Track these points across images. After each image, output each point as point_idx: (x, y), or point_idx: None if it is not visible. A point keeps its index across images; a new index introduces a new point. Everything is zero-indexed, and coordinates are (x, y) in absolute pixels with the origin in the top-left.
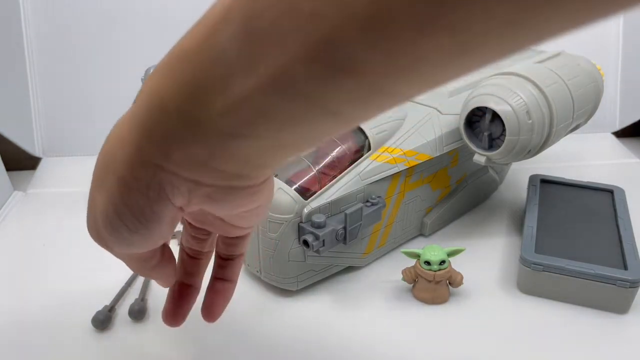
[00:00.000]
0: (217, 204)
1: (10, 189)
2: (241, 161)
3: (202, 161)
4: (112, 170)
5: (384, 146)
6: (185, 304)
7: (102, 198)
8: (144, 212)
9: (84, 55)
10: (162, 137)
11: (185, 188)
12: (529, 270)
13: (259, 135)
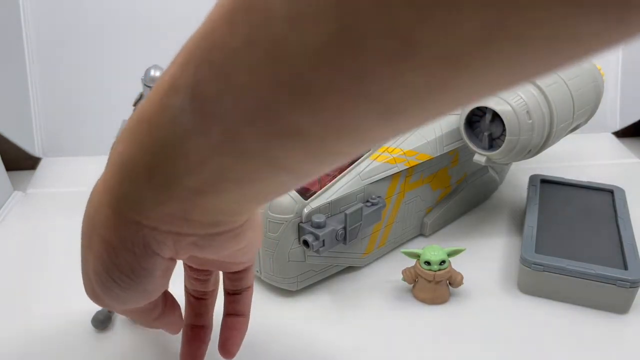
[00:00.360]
0: (204, 250)
1: (10, 189)
2: (214, 212)
3: (178, 216)
4: (97, 233)
5: (384, 146)
6: (201, 345)
7: (92, 259)
8: (133, 269)
9: (83, 55)
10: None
11: (170, 240)
12: (529, 271)
13: (223, 191)
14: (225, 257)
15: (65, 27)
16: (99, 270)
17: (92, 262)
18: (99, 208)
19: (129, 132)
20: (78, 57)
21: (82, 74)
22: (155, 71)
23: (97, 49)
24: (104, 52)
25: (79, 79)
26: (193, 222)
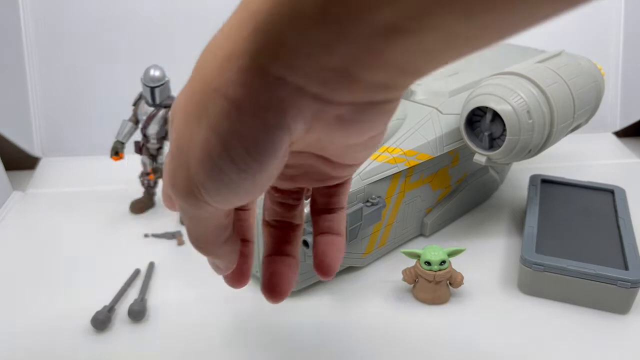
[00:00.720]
0: (344, 129)
1: (9, 189)
2: (394, 66)
3: (341, 69)
4: (218, 94)
5: (384, 146)
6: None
7: (203, 132)
8: (258, 143)
9: (83, 55)
10: (292, 42)
11: (311, 110)
12: (529, 271)
13: (430, 28)
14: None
15: (64, 27)
16: (213, 144)
17: (201, 138)
18: (226, 62)
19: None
20: (77, 57)
21: (81, 74)
22: (155, 71)
23: (97, 49)
24: (103, 52)
25: (79, 79)
26: (356, 83)
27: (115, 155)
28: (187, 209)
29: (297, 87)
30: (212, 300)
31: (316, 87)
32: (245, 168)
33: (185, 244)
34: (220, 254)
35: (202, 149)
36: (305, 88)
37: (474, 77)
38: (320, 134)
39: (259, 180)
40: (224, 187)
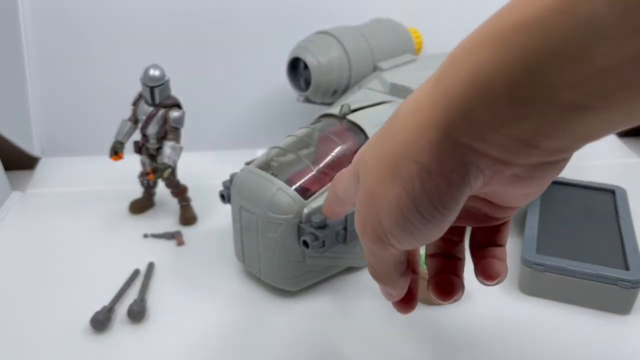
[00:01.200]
0: (518, 184)
1: (8, 189)
2: (573, 135)
3: (523, 139)
4: (410, 159)
5: None
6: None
7: (395, 190)
8: (443, 199)
9: (82, 55)
10: (482, 117)
11: (491, 170)
12: (530, 271)
13: (612, 106)
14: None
15: (64, 27)
16: (403, 200)
17: (394, 194)
18: (418, 134)
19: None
20: (77, 57)
21: (81, 73)
22: (155, 71)
23: (96, 49)
24: (103, 51)
25: (78, 78)
26: (535, 149)
27: (115, 155)
28: (374, 249)
29: (481, 152)
30: (211, 301)
31: (498, 152)
32: (430, 219)
33: (185, 244)
34: (396, 285)
35: (394, 205)
36: (489, 154)
37: None
38: (494, 187)
39: (441, 228)
40: (410, 235)
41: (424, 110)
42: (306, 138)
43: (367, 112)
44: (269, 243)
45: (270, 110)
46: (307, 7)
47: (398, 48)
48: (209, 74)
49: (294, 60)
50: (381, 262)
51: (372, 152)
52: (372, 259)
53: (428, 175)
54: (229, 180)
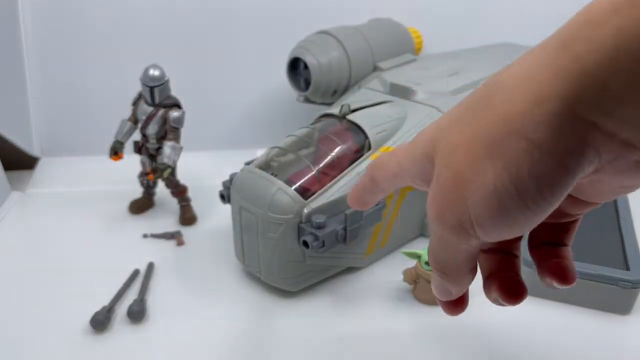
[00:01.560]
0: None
1: (8, 189)
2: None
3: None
4: (519, 133)
5: (384, 146)
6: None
7: (495, 171)
8: (553, 185)
9: (82, 54)
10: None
11: (611, 155)
12: (529, 271)
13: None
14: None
15: (64, 26)
16: (503, 184)
17: (493, 175)
18: (532, 102)
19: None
20: (77, 57)
21: (80, 73)
22: (154, 71)
23: (96, 49)
24: (102, 51)
25: (78, 78)
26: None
27: (115, 155)
28: (450, 240)
29: (608, 132)
30: (211, 301)
31: (628, 132)
32: (533, 208)
33: (185, 244)
34: (462, 282)
35: (490, 189)
36: (618, 134)
37: (474, 77)
38: (601, 175)
39: (538, 219)
40: (502, 225)
41: (543, 79)
42: (306, 138)
43: (367, 112)
44: (269, 243)
45: (270, 110)
46: (307, 7)
47: (398, 48)
48: (208, 74)
49: (294, 60)
50: (454, 254)
51: (457, 129)
52: (443, 250)
53: (540, 155)
54: (229, 180)
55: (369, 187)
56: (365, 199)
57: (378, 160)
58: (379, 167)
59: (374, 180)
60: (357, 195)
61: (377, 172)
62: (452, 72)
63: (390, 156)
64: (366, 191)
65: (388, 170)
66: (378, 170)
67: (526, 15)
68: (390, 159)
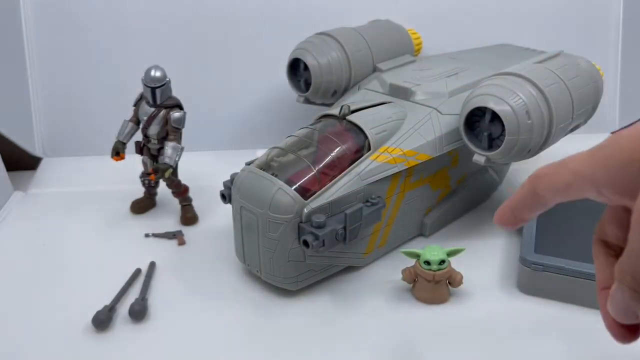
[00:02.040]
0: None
1: (10, 189)
2: None
3: None
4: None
5: (384, 146)
6: None
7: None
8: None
9: (84, 55)
10: None
11: None
12: (528, 270)
13: None
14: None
15: (65, 27)
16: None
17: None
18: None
19: None
20: (78, 58)
21: (82, 74)
22: (156, 71)
23: (98, 49)
24: (104, 52)
25: (80, 79)
26: None
27: (116, 156)
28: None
29: None
30: (212, 300)
31: None
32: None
33: (186, 243)
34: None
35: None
36: None
37: (474, 78)
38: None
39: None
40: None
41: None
42: (306, 138)
43: (367, 113)
44: (269, 243)
45: (270, 111)
46: (307, 9)
47: (397, 49)
48: (209, 75)
49: (294, 61)
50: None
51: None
52: None
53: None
54: (230, 181)
55: (528, 202)
56: (522, 215)
57: (541, 171)
58: (544, 177)
59: (536, 193)
60: (511, 210)
61: (542, 184)
62: (451, 73)
63: (560, 166)
64: (524, 206)
65: (558, 181)
66: (543, 182)
67: (525, 17)
68: (561, 168)
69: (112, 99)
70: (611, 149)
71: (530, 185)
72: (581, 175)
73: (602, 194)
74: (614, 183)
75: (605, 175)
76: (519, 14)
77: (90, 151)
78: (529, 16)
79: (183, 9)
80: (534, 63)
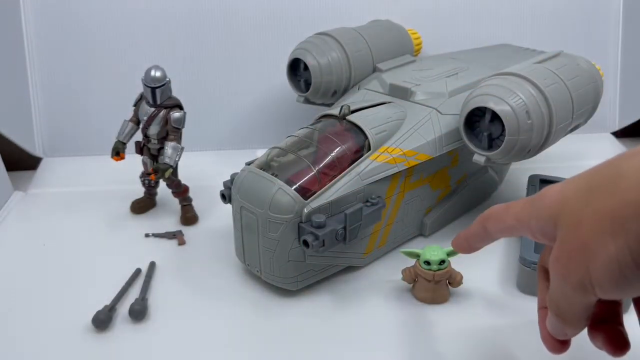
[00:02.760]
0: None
1: (10, 189)
2: None
3: None
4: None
5: (383, 146)
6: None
7: (617, 245)
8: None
9: (84, 55)
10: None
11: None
12: (528, 270)
13: None
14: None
15: (65, 27)
16: (624, 258)
17: (615, 249)
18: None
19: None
20: (79, 58)
21: (82, 74)
22: (156, 72)
23: (98, 49)
24: (104, 52)
25: (80, 79)
26: None
27: (116, 156)
28: (571, 295)
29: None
30: (212, 300)
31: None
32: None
33: (186, 243)
34: (578, 327)
35: (612, 260)
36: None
37: (473, 78)
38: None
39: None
40: (620, 289)
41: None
42: (306, 138)
43: (367, 113)
44: (269, 243)
45: (270, 111)
46: (308, 9)
47: (397, 49)
48: (209, 75)
49: (294, 61)
50: (574, 306)
51: (583, 203)
52: (564, 301)
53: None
54: (230, 181)
55: (480, 235)
56: (474, 245)
57: (491, 212)
58: (492, 218)
59: (486, 229)
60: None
61: (491, 224)
62: (451, 73)
63: (506, 210)
64: (477, 238)
65: (503, 223)
66: (492, 222)
67: (525, 17)
68: (507, 213)
69: (112, 99)
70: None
71: (481, 223)
72: (521, 221)
73: (536, 237)
74: (543, 231)
75: (536, 224)
76: (519, 14)
77: (90, 151)
78: (529, 16)
79: (183, 9)
80: (533, 63)
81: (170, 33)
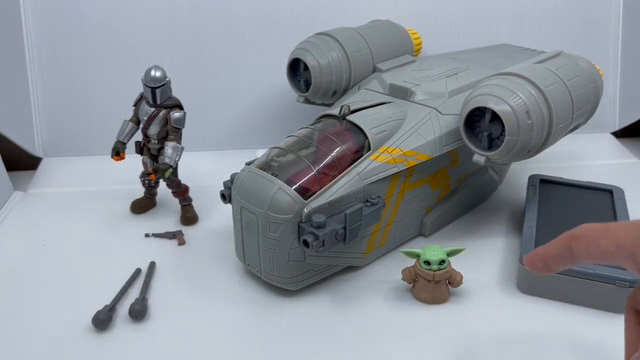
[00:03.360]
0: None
1: (10, 189)
2: None
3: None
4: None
5: (383, 146)
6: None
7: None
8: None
9: (84, 55)
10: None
11: None
12: (528, 270)
13: None
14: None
15: (65, 27)
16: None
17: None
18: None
19: None
20: (79, 58)
21: (82, 74)
22: (156, 72)
23: (98, 50)
24: (104, 52)
25: (80, 79)
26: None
27: (116, 156)
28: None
29: None
30: (212, 300)
31: None
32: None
33: (186, 243)
34: None
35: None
36: None
37: (473, 78)
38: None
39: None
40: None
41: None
42: (306, 138)
43: (367, 113)
44: (270, 242)
45: (270, 111)
46: (307, 9)
47: (397, 49)
48: (209, 75)
49: (294, 61)
50: None
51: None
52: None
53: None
54: (230, 181)
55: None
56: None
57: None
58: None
59: (572, 251)
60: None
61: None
62: (450, 73)
63: (604, 232)
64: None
65: (597, 247)
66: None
67: (525, 17)
68: (604, 236)
69: (112, 99)
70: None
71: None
72: (621, 249)
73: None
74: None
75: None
76: (519, 14)
77: (90, 151)
78: (529, 16)
79: (183, 9)
80: (533, 63)
81: (171, 33)
